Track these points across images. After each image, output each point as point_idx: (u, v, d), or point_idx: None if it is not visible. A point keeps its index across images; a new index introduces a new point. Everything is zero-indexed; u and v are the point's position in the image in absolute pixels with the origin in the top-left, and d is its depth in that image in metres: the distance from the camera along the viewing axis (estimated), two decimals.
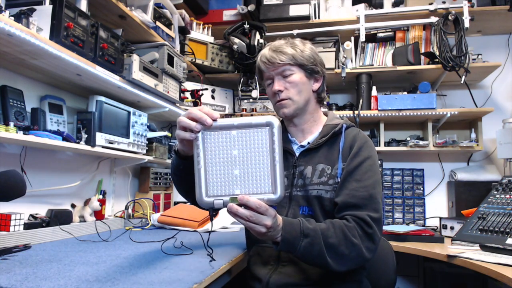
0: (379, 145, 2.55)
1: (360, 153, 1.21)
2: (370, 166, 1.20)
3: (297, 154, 1.29)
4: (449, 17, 2.38)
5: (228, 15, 2.74)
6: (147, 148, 2.08)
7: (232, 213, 0.92)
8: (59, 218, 1.57)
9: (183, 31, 2.41)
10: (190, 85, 2.54)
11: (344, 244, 1.06)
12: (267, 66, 1.26)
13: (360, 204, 1.13)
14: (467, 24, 2.37)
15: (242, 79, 2.67)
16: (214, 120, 0.92)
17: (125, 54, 1.73)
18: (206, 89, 2.62)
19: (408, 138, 2.57)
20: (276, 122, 0.91)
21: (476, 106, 2.67)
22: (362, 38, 2.55)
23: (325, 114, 1.38)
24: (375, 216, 1.12)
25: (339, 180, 1.19)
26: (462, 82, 2.40)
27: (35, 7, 1.28)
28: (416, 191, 2.72)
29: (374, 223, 1.11)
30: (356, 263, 1.11)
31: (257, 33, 2.54)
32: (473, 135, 2.49)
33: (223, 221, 2.01)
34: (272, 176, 0.91)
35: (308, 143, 1.29)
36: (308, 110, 1.30)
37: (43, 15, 1.31)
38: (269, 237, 1.00)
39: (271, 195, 0.91)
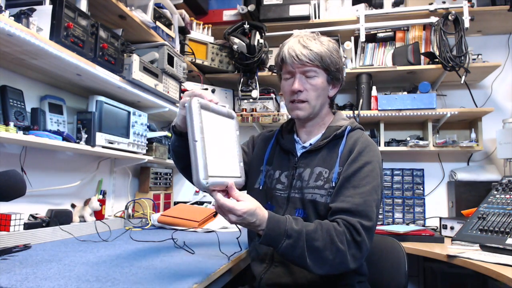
0: (379, 145, 2.55)
1: (360, 158, 1.17)
2: (370, 172, 1.15)
3: (298, 155, 1.28)
4: (449, 17, 2.38)
5: (228, 15, 2.74)
6: (147, 148, 2.08)
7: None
8: (59, 218, 1.57)
9: (183, 31, 2.41)
10: (190, 85, 2.54)
11: (329, 248, 1.03)
12: (294, 60, 1.19)
13: (353, 210, 1.09)
14: (467, 24, 2.37)
15: (242, 79, 2.67)
16: (216, 103, 1.05)
17: (125, 54, 1.73)
18: (206, 89, 2.62)
19: (408, 138, 2.57)
20: (235, 115, 1.14)
21: (476, 106, 2.67)
22: (362, 38, 2.55)
23: (334, 113, 1.34)
24: (366, 224, 1.08)
25: (333, 185, 1.16)
26: (462, 82, 2.40)
27: (35, 7, 1.28)
28: (416, 191, 2.72)
29: (365, 231, 1.07)
30: (338, 270, 1.07)
31: (257, 33, 2.54)
32: (473, 135, 2.49)
33: (223, 221, 2.01)
34: (239, 161, 1.09)
35: (310, 144, 1.27)
36: (320, 114, 1.28)
37: (43, 15, 1.31)
38: (251, 228, 1.04)
39: (240, 179, 1.07)
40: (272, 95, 2.66)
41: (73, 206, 1.80)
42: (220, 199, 0.96)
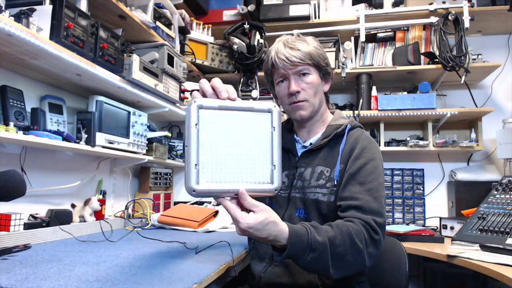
0: (379, 145, 2.55)
1: (363, 155, 1.17)
2: (374, 168, 1.15)
3: (299, 154, 1.28)
4: (449, 17, 2.38)
5: (228, 15, 2.74)
6: (147, 148, 2.08)
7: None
8: (59, 218, 1.57)
9: (183, 31, 2.41)
10: (190, 85, 2.54)
11: (350, 252, 1.01)
12: (285, 63, 1.19)
13: (365, 208, 1.08)
14: (467, 24, 2.37)
15: (242, 79, 2.67)
16: (232, 99, 0.89)
17: (125, 54, 1.73)
18: None
19: (408, 138, 2.57)
20: (275, 109, 0.91)
21: (476, 106, 2.67)
22: (362, 38, 2.55)
23: (332, 113, 1.34)
24: (380, 221, 1.07)
25: (335, 183, 1.16)
26: (462, 82, 2.40)
27: (35, 7, 1.28)
28: (416, 191, 2.72)
29: (380, 228, 1.07)
30: (356, 270, 1.06)
31: (257, 33, 2.54)
32: (473, 135, 2.49)
33: (223, 221, 2.01)
34: (271, 165, 0.89)
35: (311, 143, 1.27)
36: (320, 112, 1.28)
37: (43, 15, 1.31)
38: (265, 242, 0.96)
39: (269, 186, 0.89)
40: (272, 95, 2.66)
41: (73, 206, 1.80)
42: (227, 206, 0.88)
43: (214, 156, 0.86)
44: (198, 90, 0.93)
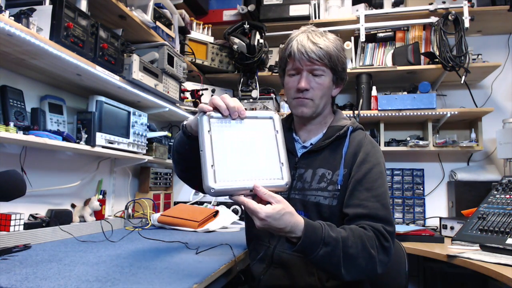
0: (379, 145, 2.55)
1: (368, 159, 1.16)
2: (380, 173, 1.15)
3: (299, 155, 1.26)
4: (449, 17, 2.38)
5: (228, 15, 2.74)
6: (147, 148, 2.08)
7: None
8: (59, 218, 1.57)
9: (183, 31, 2.41)
10: (190, 85, 2.54)
11: (362, 256, 1.00)
12: (303, 57, 1.16)
13: (373, 215, 1.07)
14: (467, 24, 2.38)
15: (242, 79, 2.67)
16: (242, 118, 0.99)
17: (125, 54, 1.73)
18: (206, 89, 2.62)
19: (408, 138, 2.57)
20: (276, 115, 1.03)
21: (476, 106, 2.67)
22: (362, 38, 2.55)
23: (334, 112, 1.32)
24: (390, 229, 1.07)
25: (339, 187, 1.15)
26: (462, 82, 2.40)
27: (35, 7, 1.28)
28: (416, 191, 2.72)
29: (390, 236, 1.06)
30: (366, 276, 1.05)
31: (257, 33, 2.54)
32: (473, 135, 2.49)
33: (223, 221, 2.01)
34: (279, 162, 0.99)
35: (311, 144, 1.25)
36: (322, 114, 1.26)
37: (43, 15, 1.31)
38: (282, 234, 0.97)
39: (280, 181, 0.96)
40: (272, 95, 2.66)
41: (73, 206, 1.80)
42: (244, 201, 0.91)
43: (228, 157, 0.94)
44: (199, 101, 0.98)
